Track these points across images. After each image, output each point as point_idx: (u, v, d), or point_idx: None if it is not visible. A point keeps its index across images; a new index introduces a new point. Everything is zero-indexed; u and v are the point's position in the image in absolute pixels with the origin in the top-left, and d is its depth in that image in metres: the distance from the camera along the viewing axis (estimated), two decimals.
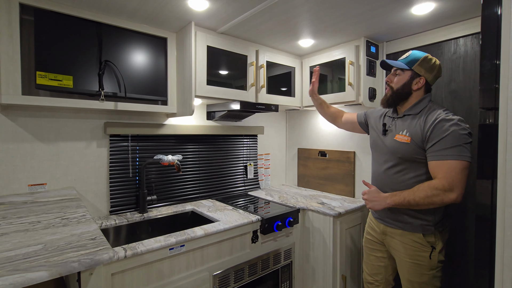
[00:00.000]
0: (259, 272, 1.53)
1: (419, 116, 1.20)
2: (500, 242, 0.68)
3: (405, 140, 1.20)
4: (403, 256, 1.24)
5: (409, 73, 1.23)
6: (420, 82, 1.22)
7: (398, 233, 1.25)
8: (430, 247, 1.19)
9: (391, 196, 1.18)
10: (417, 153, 1.17)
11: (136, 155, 1.69)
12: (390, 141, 1.26)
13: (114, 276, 1.07)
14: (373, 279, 1.41)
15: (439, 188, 1.08)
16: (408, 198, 1.13)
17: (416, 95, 1.24)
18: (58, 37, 1.25)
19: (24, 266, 0.67)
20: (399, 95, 1.25)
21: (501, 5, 0.68)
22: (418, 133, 1.17)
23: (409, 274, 1.23)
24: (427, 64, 1.20)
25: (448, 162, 1.08)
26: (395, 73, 1.27)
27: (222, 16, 1.45)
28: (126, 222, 1.50)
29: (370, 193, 1.25)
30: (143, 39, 1.50)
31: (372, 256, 1.41)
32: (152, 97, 1.53)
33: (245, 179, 2.22)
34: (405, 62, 1.23)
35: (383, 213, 1.31)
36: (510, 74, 0.66)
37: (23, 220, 1.00)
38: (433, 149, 1.12)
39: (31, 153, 1.39)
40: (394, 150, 1.24)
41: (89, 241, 0.84)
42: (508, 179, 0.66)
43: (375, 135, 1.39)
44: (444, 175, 1.08)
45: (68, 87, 1.26)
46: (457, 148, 1.07)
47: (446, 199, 1.08)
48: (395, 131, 1.26)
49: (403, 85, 1.23)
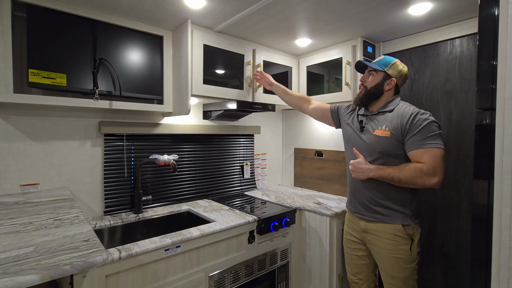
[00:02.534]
0: (255, 273, 1.53)
1: (394, 113, 1.27)
2: (496, 242, 0.68)
3: (385, 134, 1.25)
4: (385, 252, 1.28)
5: (382, 74, 1.31)
6: (391, 84, 1.30)
7: (379, 228, 1.29)
8: (410, 239, 1.24)
9: (376, 170, 1.25)
10: (396, 147, 1.24)
11: (131, 154, 1.67)
12: (370, 136, 1.31)
13: (108, 278, 1.05)
14: (357, 278, 1.44)
15: (424, 171, 1.15)
16: (392, 174, 1.20)
17: (386, 95, 1.32)
18: (51, 34, 1.22)
19: (14, 269, 0.66)
20: (372, 94, 1.32)
21: (498, 5, 0.68)
22: (397, 127, 1.23)
23: (392, 270, 1.27)
24: (397, 68, 1.30)
25: (430, 150, 1.16)
26: (369, 73, 1.35)
27: (219, 14, 1.44)
28: (121, 223, 1.48)
29: (356, 163, 1.30)
30: (139, 37, 1.48)
31: (354, 256, 1.44)
32: (147, 96, 1.51)
33: (242, 179, 2.21)
34: (379, 65, 1.32)
35: (361, 208, 1.35)
36: (507, 75, 0.66)
37: (14, 221, 0.97)
38: (413, 140, 1.19)
39: (23, 153, 1.36)
40: (374, 145, 1.28)
41: (82, 242, 0.82)
42: (504, 179, 0.66)
43: (350, 131, 1.43)
44: (427, 161, 1.16)
45: (61, 85, 1.24)
46: (435, 137, 1.17)
47: (428, 182, 1.16)
48: (372, 127, 1.32)
49: (376, 85, 1.31)
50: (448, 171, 1.60)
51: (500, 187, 0.67)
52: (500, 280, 0.67)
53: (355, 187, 1.39)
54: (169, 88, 1.59)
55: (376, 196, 1.30)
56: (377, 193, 1.29)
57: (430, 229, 1.67)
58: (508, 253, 0.65)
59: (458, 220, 1.56)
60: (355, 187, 1.39)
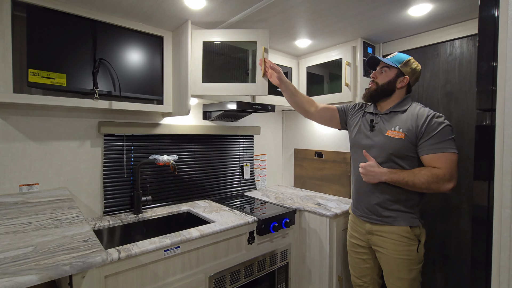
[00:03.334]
0: (255, 274, 1.52)
1: (407, 113, 1.23)
2: (496, 244, 0.67)
3: (399, 136, 1.21)
4: (392, 253, 1.24)
5: (395, 70, 1.27)
6: (404, 81, 1.26)
7: (385, 230, 1.26)
8: (417, 240, 1.22)
9: (389, 173, 1.19)
10: (409, 150, 1.20)
11: (131, 155, 1.66)
12: (381, 137, 1.26)
13: (107, 279, 1.05)
14: (361, 281, 1.41)
15: (440, 176, 1.12)
16: (407, 179, 1.16)
17: (398, 93, 1.28)
18: (51, 34, 1.22)
19: (12, 270, 0.65)
20: (383, 91, 1.28)
21: (498, 7, 0.68)
22: (411, 129, 1.19)
23: (399, 272, 1.23)
24: (411, 65, 1.26)
25: (446, 155, 1.13)
26: (382, 70, 1.30)
27: (219, 15, 1.44)
28: (120, 223, 1.47)
29: (367, 167, 1.23)
30: (139, 37, 1.48)
31: (358, 259, 1.41)
32: (147, 96, 1.51)
33: (241, 180, 2.20)
34: (392, 61, 1.28)
35: (368, 211, 1.31)
36: (507, 76, 0.66)
37: (13, 221, 0.97)
38: (429, 143, 1.16)
39: (23, 153, 1.36)
40: (385, 147, 1.24)
41: (81, 243, 0.82)
42: (505, 180, 0.66)
43: (358, 131, 1.37)
44: (444, 166, 1.13)
45: (61, 85, 1.24)
46: (450, 141, 1.14)
47: (443, 187, 1.13)
48: (383, 127, 1.27)
49: (388, 82, 1.27)
50: None
51: (500, 188, 0.67)
52: (500, 281, 0.67)
53: (363, 190, 1.33)
54: (169, 89, 1.59)
55: (386, 199, 1.25)
56: (388, 197, 1.24)
57: (431, 230, 1.66)
58: (509, 254, 0.65)
59: (459, 221, 1.56)
60: (363, 190, 1.33)
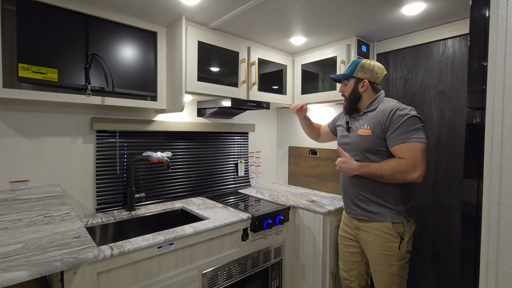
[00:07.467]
0: (249, 270, 1.53)
1: (377, 111, 1.32)
2: (485, 239, 0.69)
3: (367, 133, 1.31)
4: (374, 247, 1.30)
5: (353, 80, 1.38)
6: (365, 85, 1.35)
7: (370, 226, 1.32)
8: (399, 238, 1.27)
9: (360, 167, 1.29)
10: (378, 144, 1.28)
11: (124, 151, 1.65)
12: (354, 136, 1.37)
13: (100, 275, 1.04)
14: (348, 274, 1.47)
15: (404, 166, 1.18)
16: (375, 171, 1.24)
17: (366, 95, 1.37)
18: (42, 28, 1.20)
19: (2, 266, 0.64)
20: (352, 100, 1.39)
21: (489, 7, 0.69)
22: (377, 124, 1.28)
23: (379, 265, 1.30)
24: (364, 68, 1.35)
25: (411, 144, 1.19)
26: (344, 83, 1.43)
27: (214, 11, 1.43)
28: (113, 220, 1.46)
29: (339, 163, 1.35)
30: (132, 32, 1.46)
31: (347, 252, 1.47)
32: (141, 92, 1.50)
33: (236, 177, 2.20)
34: (347, 72, 1.39)
35: (352, 206, 1.39)
36: (496, 75, 0.67)
37: (3, 218, 0.95)
38: (394, 135, 1.22)
39: (13, 149, 1.33)
40: (358, 144, 1.34)
41: (73, 239, 0.81)
42: (493, 177, 0.67)
43: (340, 132, 1.51)
44: (408, 156, 1.18)
45: (52, 80, 1.22)
46: (415, 131, 1.19)
47: (409, 177, 1.18)
48: (357, 127, 1.38)
49: (352, 91, 1.39)
50: (440, 170, 1.62)
51: (489, 185, 0.68)
52: (488, 276, 0.68)
53: (345, 185, 1.43)
54: (163, 85, 1.58)
55: (362, 192, 1.33)
56: (363, 190, 1.33)
57: (422, 226, 1.69)
58: (496, 249, 0.67)
59: (450, 218, 1.59)
60: (345, 185, 1.43)
